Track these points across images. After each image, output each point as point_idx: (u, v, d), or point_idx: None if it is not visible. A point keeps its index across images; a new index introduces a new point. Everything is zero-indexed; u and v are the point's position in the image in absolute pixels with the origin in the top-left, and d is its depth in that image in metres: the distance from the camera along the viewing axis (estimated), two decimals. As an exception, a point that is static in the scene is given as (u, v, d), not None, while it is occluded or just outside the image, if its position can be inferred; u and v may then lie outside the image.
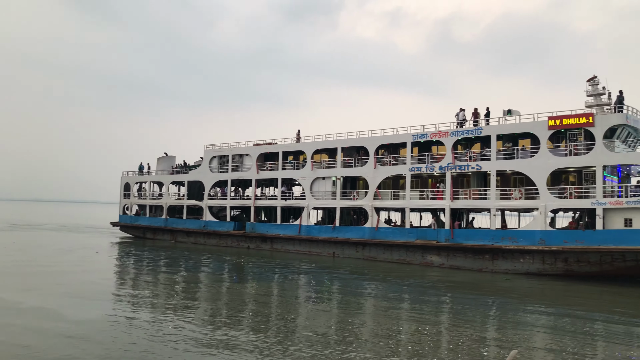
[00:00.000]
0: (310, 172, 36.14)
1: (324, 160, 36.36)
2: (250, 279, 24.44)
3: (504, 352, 12.27)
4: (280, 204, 37.65)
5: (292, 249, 36.27)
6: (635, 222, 24.09)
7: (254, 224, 38.83)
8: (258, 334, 13.50)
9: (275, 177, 38.57)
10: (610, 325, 15.84)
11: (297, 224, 36.23)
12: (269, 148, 39.52)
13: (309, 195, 36.00)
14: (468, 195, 29.28)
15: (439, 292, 21.41)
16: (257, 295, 19.70)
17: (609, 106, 26.95)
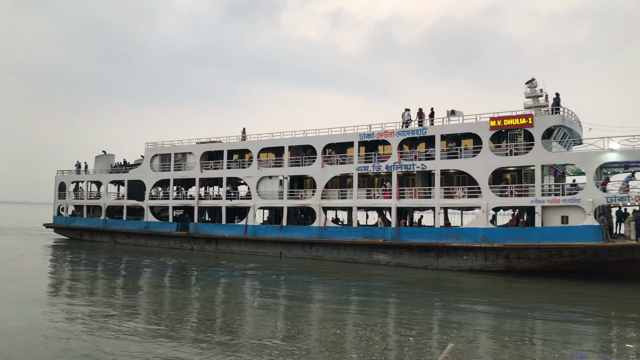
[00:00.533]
0: (256, 171, 35.56)
1: (271, 159, 35.88)
2: (193, 281, 23.68)
3: (443, 345, 12.41)
4: (225, 204, 36.84)
5: (237, 249, 35.56)
6: (571, 219, 25.15)
7: (198, 224, 37.81)
8: (201, 340, 12.93)
9: (220, 176, 37.70)
10: (547, 317, 16.38)
11: (242, 224, 35.56)
12: (213, 146, 38.59)
13: (255, 194, 35.42)
14: (413, 194, 29.67)
15: (385, 290, 21.60)
16: (200, 298, 19.04)
17: (546, 108, 28.02)
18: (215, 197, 39.95)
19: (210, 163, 38.34)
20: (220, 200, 37.51)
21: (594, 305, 18.51)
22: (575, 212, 25.09)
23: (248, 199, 36.06)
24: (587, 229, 24.46)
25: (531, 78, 29.14)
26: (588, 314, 17.06)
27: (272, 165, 35.55)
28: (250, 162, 36.29)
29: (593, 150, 25.44)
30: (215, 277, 24.96)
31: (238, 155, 38.19)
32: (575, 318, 16.36)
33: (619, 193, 24.99)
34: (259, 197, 35.33)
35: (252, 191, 35.70)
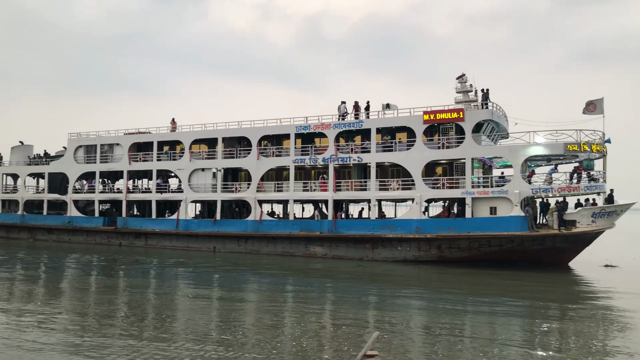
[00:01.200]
0: (188, 163, 34.40)
1: (204, 151, 34.83)
2: (122, 278, 22.54)
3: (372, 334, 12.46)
4: (155, 197, 35.41)
5: (169, 244, 34.33)
6: (499, 210, 26.20)
7: (126, 219, 36.13)
8: (131, 338, 12.21)
9: (150, 168, 36.18)
10: (477, 305, 16.95)
11: (174, 218, 34.34)
12: (142, 137, 36.94)
13: (187, 187, 34.28)
14: (350, 186, 29.81)
15: (321, 282, 21.67)
16: (129, 295, 18.11)
17: (475, 102, 28.93)
18: (145, 190, 38.31)
19: (139, 155, 36.67)
20: (150, 194, 36.01)
21: (519, 293, 19.30)
22: (503, 203, 26.15)
23: (180, 192, 34.86)
24: (514, 219, 25.57)
25: (462, 74, 29.97)
26: (514, 301, 17.77)
27: (205, 157, 34.52)
28: (182, 154, 35.06)
29: (520, 144, 26.60)
30: (145, 273, 23.92)
31: (169, 147, 36.80)
32: (502, 305, 17.00)
33: (543, 185, 26.30)
34: (191, 190, 34.22)
35: (183, 184, 34.53)
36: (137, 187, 39.41)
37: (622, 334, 13.36)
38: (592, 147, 25.88)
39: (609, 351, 11.73)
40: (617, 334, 13.31)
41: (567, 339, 12.75)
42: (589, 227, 25.36)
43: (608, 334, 13.33)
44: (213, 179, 33.89)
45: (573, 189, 25.71)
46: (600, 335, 13.17)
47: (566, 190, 25.72)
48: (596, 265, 26.99)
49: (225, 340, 12.26)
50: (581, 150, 25.73)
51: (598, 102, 27.13)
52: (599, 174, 26.63)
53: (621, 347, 12.04)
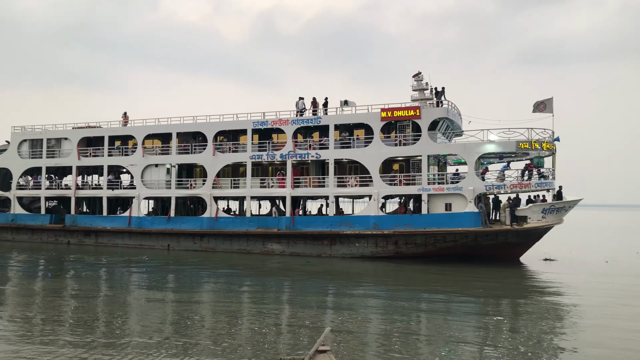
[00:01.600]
0: (141, 158, 33.37)
1: (157, 146, 33.87)
2: (70, 278, 21.62)
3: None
4: (106, 194, 34.19)
5: (121, 242, 33.24)
6: (454, 207, 26.70)
7: (75, 216, 34.74)
8: (80, 346, 11.60)
9: (101, 164, 34.89)
10: (431, 301, 17.31)
11: (126, 215, 33.26)
12: (92, 132, 35.56)
13: (139, 184, 33.24)
14: (308, 183, 29.67)
15: (279, 279, 21.58)
16: (78, 297, 17.33)
17: (431, 100, 29.33)
18: (95, 186, 36.90)
19: (89, 150, 35.28)
20: (100, 190, 34.72)
21: (471, 289, 19.68)
22: (457, 199, 26.66)
23: (132, 189, 33.80)
24: (468, 215, 26.11)
25: (418, 72, 30.31)
26: (467, 297, 18.15)
27: (158, 153, 33.58)
28: (135, 149, 33.98)
29: (474, 142, 27.18)
30: (95, 272, 23.07)
31: (120, 142, 35.58)
32: (455, 301, 17.34)
33: (496, 182, 26.97)
34: (144, 186, 33.22)
35: (136, 180, 33.48)
36: (87, 184, 37.93)
37: (564, 328, 13.83)
38: (542, 145, 26.75)
39: (555, 346, 12.12)
40: (559, 329, 13.77)
41: (516, 334, 13.07)
42: (539, 223, 26.21)
43: (554, 329, 13.79)
44: (167, 175, 33.02)
45: (524, 185, 26.50)
46: (548, 330, 13.62)
47: (518, 187, 26.49)
48: (539, 259, 27.96)
49: (178, 343, 11.92)
50: (532, 148, 26.55)
51: (548, 102, 28.03)
52: (549, 171, 27.55)
53: (563, 343, 12.43)
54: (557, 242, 35.23)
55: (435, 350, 11.41)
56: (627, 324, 14.07)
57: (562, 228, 30.66)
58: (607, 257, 29.32)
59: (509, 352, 11.36)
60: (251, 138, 31.00)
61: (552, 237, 30.56)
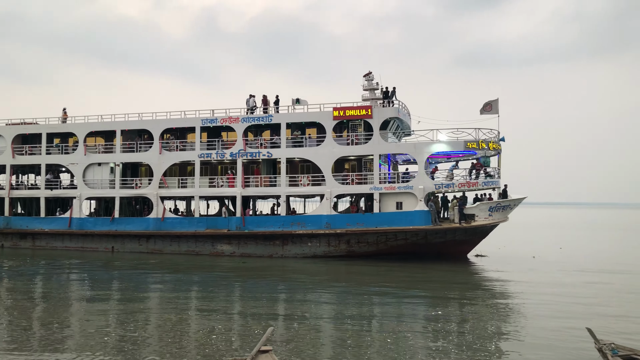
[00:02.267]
0: (83, 157, 31.79)
1: (100, 144, 32.38)
2: (2, 284, 20.22)
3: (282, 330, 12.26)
4: (45, 194, 32.36)
5: (60, 245, 31.56)
6: (405, 205, 26.99)
7: (10, 218, 32.70)
8: (18, 351, 10.90)
9: (38, 162, 32.99)
10: (383, 298, 17.47)
11: (66, 216, 31.60)
12: (28, 128, 33.56)
13: (81, 183, 31.68)
14: (259, 182, 29.19)
15: (229, 281, 21.20)
16: (12, 302, 16.28)
17: (381, 100, 29.49)
18: (32, 186, 34.84)
19: (25, 147, 33.28)
20: (38, 190, 32.84)
21: (422, 284, 20.24)
22: (408, 198, 26.97)
23: (73, 189, 32.17)
24: (419, 213, 26.46)
25: (368, 71, 30.45)
26: (418, 292, 18.59)
27: (101, 151, 32.12)
28: (75, 147, 32.33)
29: (424, 141, 27.56)
30: (31, 277, 21.78)
31: (60, 140, 33.79)
32: (407, 297, 17.65)
33: (445, 181, 27.48)
34: (86, 186, 31.68)
35: (77, 180, 31.89)
36: (22, 183, 35.76)
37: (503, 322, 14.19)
38: (489, 145, 27.47)
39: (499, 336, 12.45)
40: (499, 324, 14.12)
41: (463, 329, 13.37)
42: (486, 221, 26.91)
43: (498, 322, 14.18)
44: (111, 174, 31.63)
45: (472, 184, 27.14)
46: (491, 323, 14.01)
47: (466, 185, 27.11)
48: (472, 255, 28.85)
49: (121, 348, 11.46)
50: (479, 148, 27.21)
51: (494, 103, 28.80)
52: (494, 171, 28.34)
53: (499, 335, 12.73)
54: (500, 239, 36.35)
55: (384, 349, 11.41)
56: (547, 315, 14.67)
57: (506, 225, 31.60)
58: (535, 253, 30.52)
59: (457, 347, 11.59)
60: (200, 136, 30.16)
61: (496, 234, 31.51)
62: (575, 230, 60.46)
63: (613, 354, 9.27)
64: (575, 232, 56.73)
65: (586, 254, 32.21)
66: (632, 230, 60.51)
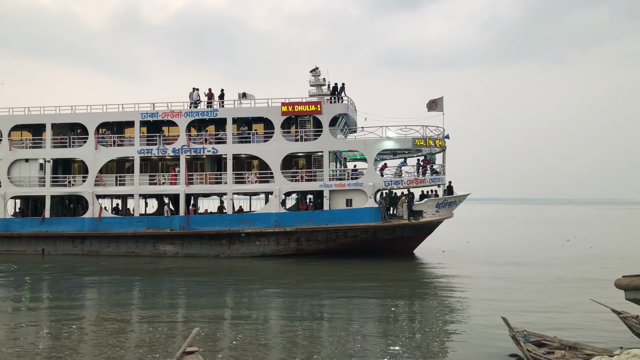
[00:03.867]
0: (7, 152, 29.23)
1: (28, 139, 29.91)
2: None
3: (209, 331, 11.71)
4: (-37, 193, 29.47)
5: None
6: (355, 202, 26.84)
7: None
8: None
9: (-45, 158, 30.00)
10: (334, 296, 17.33)
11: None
12: (-58, 121, 30.41)
13: (6, 181, 29.13)
14: (204, 179, 28.04)
15: (172, 283, 20.31)
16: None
17: (328, 96, 29.17)
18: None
19: (-62, 142, 30.16)
20: (-45, 189, 29.85)
21: (372, 281, 20.24)
22: (358, 195, 26.83)
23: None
24: (368, 210, 26.40)
25: (315, 67, 30.04)
26: (367, 289, 18.62)
27: (29, 146, 29.68)
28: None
29: (373, 138, 27.51)
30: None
31: (-20, 133, 30.91)
32: (357, 294, 17.61)
33: (394, 177, 27.60)
34: (11, 184, 29.18)
35: (1, 177, 29.28)
36: None
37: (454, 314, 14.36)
38: (435, 142, 27.85)
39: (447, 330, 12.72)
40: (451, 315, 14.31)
41: (414, 325, 13.67)
42: (433, 217, 27.29)
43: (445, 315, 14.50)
44: (40, 171, 29.31)
45: (420, 181, 27.43)
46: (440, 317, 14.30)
47: (414, 182, 27.34)
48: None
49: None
50: (427, 145, 27.52)
51: (439, 101, 29.22)
52: (440, 167, 28.80)
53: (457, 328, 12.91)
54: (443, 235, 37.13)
55: (332, 350, 11.27)
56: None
57: (450, 221, 32.26)
58: (446, 247, 31.07)
59: (408, 342, 11.75)
60: (139, 131, 28.56)
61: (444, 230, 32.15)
62: (493, 225, 62.72)
63: (525, 341, 9.92)
64: (491, 227, 58.75)
65: (488, 247, 32.96)
66: (548, 224, 63.92)
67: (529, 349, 9.59)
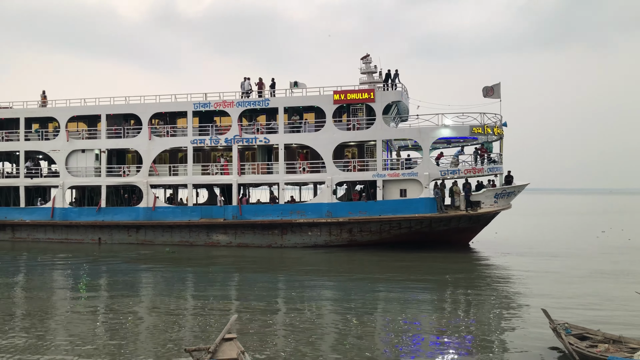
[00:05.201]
0: (65, 143, 29.90)
1: (84, 130, 30.51)
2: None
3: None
4: (24, 183, 30.39)
5: (43, 237, 29.78)
6: (409, 192, 26.13)
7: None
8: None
9: (16, 149, 30.97)
10: (389, 288, 16.74)
11: (49, 206, 29.79)
12: (4, 113, 31.36)
13: (64, 171, 29.84)
14: (256, 169, 27.91)
15: (227, 272, 20.33)
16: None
17: (380, 83, 28.43)
18: (9, 174, 32.74)
19: (1, 133, 31.15)
20: (17, 179, 30.81)
21: (427, 273, 19.57)
22: (412, 185, 26.09)
23: (55, 177, 30.32)
24: (424, 201, 25.64)
25: (366, 54, 29.36)
26: (423, 281, 18.03)
27: (85, 137, 30.27)
28: (57, 132, 30.40)
29: (429, 126, 26.63)
30: (11, 272, 20.39)
31: (39, 125, 31.77)
32: (412, 286, 17.14)
33: (451, 167, 26.69)
34: (69, 174, 29.87)
35: (60, 167, 30.02)
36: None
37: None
38: (493, 130, 26.75)
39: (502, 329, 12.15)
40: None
41: (463, 318, 13.16)
42: (491, 208, 26.29)
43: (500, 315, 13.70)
44: (96, 162, 29.87)
45: (478, 170, 26.43)
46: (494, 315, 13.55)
47: (472, 172, 26.36)
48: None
49: (113, 349, 10.64)
50: (485, 133, 26.47)
51: (495, 87, 28.00)
52: (498, 156, 27.69)
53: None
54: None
55: (386, 343, 10.98)
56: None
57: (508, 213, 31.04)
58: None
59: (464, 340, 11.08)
60: (192, 121, 28.64)
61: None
62: (529, 216, 59.99)
63: (567, 333, 9.73)
64: (527, 218, 56.21)
65: (516, 238, 31.67)
66: (589, 215, 61.11)
67: (570, 342, 9.32)
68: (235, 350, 8.58)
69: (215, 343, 8.59)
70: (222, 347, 8.65)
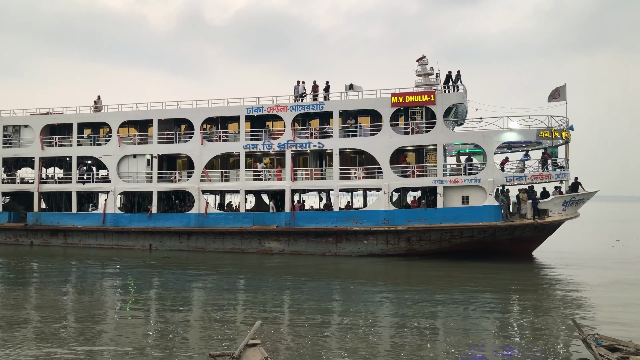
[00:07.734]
0: (117, 148, 29.76)
1: (135, 135, 30.33)
2: (35, 284, 18.98)
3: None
4: (76, 188, 30.37)
5: (94, 243, 29.64)
6: (472, 200, 24.81)
7: (39, 213, 30.78)
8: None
9: (69, 154, 31.02)
10: (449, 300, 15.82)
11: (100, 212, 29.68)
12: (58, 118, 31.52)
13: (115, 176, 29.68)
14: (310, 175, 27.07)
15: (280, 280, 19.57)
16: (47, 305, 14.98)
17: (437, 85, 27.25)
18: (61, 180, 32.88)
19: (54, 139, 31.29)
20: (69, 184, 30.83)
21: (491, 285, 18.36)
22: (475, 192, 24.78)
23: (106, 182, 30.20)
24: (488, 209, 24.28)
25: (422, 55, 28.25)
26: (486, 294, 16.94)
27: (136, 142, 30.06)
28: (109, 138, 30.31)
29: (493, 130, 25.27)
30: (64, 277, 20.22)
31: (91, 130, 31.80)
32: (475, 299, 16.13)
33: (517, 173, 25.25)
34: (120, 179, 29.69)
35: (111, 173, 29.89)
36: (51, 177, 33.82)
37: None
38: (561, 134, 25.23)
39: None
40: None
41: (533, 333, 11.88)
42: (559, 216, 24.72)
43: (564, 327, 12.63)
44: (147, 167, 29.60)
45: (545, 176, 24.92)
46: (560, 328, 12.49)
47: (539, 177, 24.87)
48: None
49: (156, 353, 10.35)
50: (552, 137, 24.97)
51: (562, 89, 26.49)
52: (564, 162, 26.10)
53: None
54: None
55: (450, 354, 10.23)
56: None
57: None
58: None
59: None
60: (244, 126, 28.05)
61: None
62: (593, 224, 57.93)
63: (597, 345, 9.47)
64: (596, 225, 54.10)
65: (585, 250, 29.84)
66: (614, 222, 58.42)
67: (601, 353, 9.12)
68: (259, 356, 8.55)
69: (239, 348, 8.57)
70: (246, 352, 8.68)
